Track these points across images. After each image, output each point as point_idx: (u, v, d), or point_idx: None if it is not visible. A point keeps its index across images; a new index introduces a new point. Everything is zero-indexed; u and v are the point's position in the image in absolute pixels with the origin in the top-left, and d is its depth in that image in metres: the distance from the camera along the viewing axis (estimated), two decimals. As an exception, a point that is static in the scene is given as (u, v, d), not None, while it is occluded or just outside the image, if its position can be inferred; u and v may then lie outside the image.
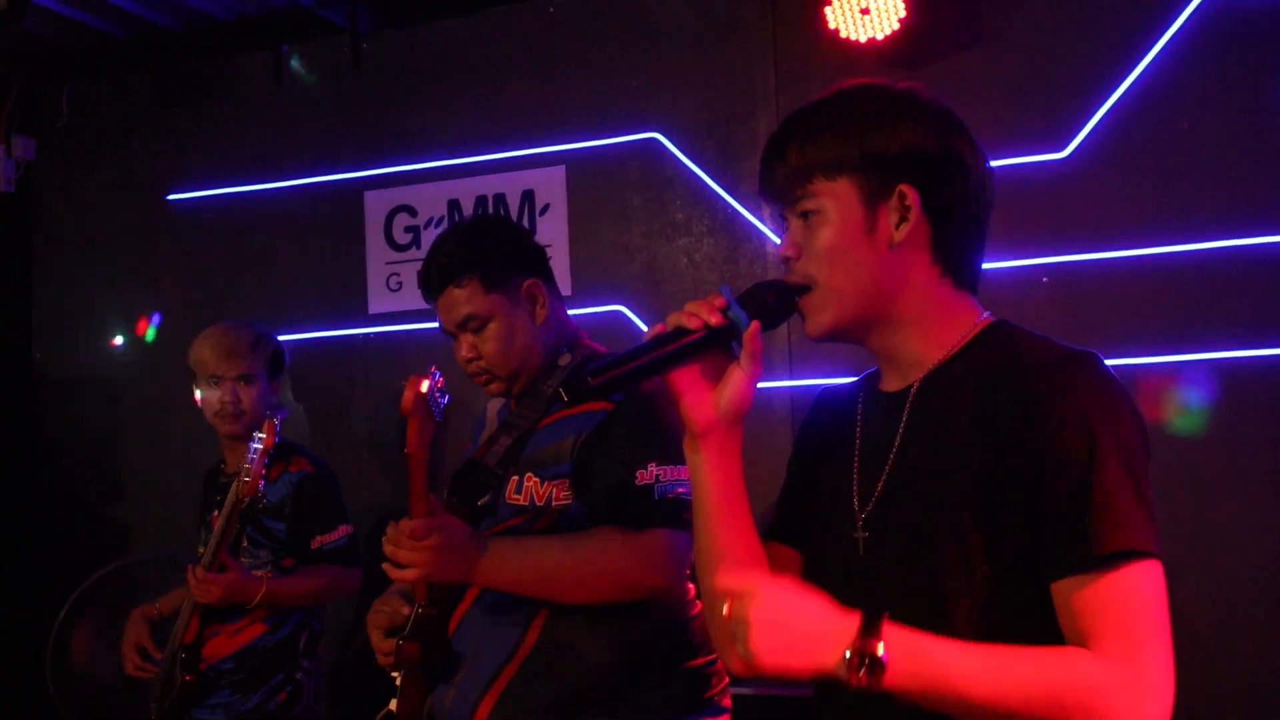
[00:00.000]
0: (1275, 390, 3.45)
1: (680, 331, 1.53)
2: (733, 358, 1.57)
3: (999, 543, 1.44)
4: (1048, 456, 1.42)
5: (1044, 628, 1.43)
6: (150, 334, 4.77)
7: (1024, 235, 3.64)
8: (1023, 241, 3.65)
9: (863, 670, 1.29)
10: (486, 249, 2.57)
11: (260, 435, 3.21)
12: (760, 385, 1.55)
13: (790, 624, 1.31)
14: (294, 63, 4.52)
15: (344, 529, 3.49)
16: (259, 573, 3.37)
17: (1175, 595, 3.43)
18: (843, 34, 3.65)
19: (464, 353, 2.55)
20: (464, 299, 2.53)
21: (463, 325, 2.55)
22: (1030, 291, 3.65)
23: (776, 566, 1.67)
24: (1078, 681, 1.34)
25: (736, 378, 1.56)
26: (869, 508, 1.55)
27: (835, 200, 1.55)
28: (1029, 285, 3.65)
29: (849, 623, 1.31)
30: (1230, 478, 3.49)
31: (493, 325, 2.52)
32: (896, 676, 1.30)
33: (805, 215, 1.58)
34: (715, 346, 1.56)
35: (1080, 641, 1.39)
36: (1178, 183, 3.59)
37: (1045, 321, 3.50)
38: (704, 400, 1.56)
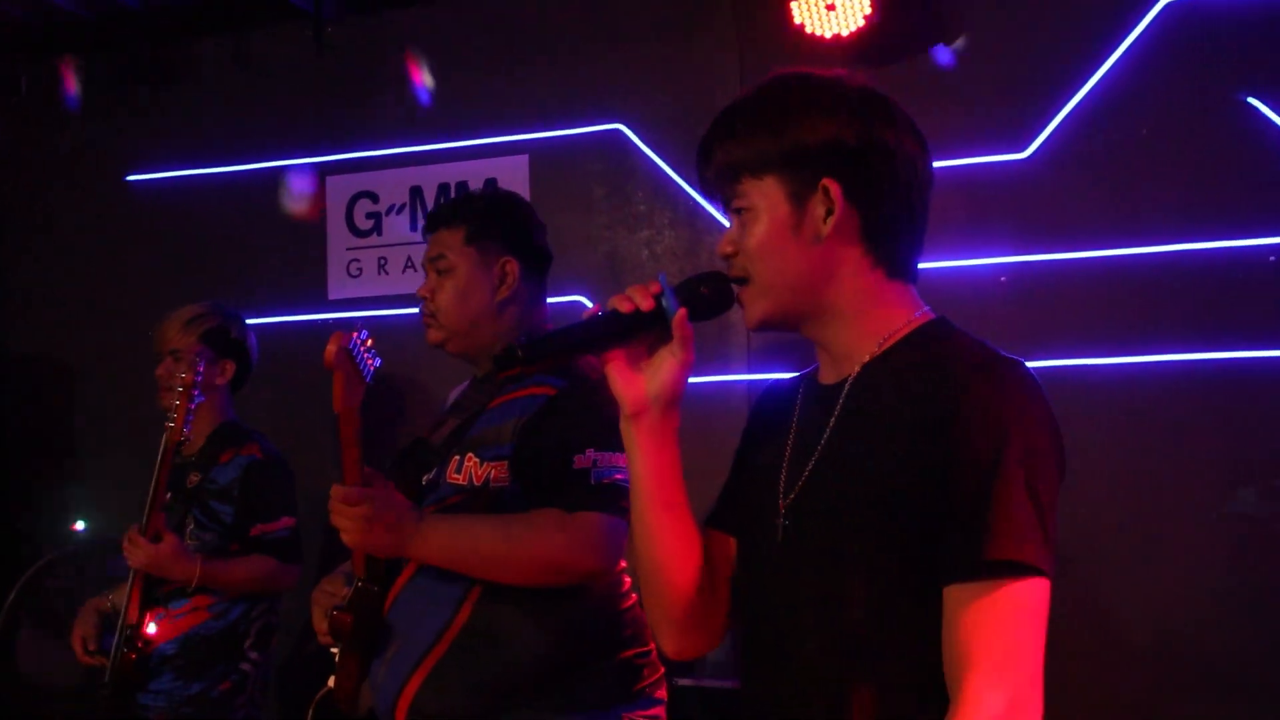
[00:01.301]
0: (1227, 393, 3.49)
1: (612, 313, 1.57)
2: (669, 342, 1.59)
3: (904, 537, 1.45)
4: (956, 457, 1.43)
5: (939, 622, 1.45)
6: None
7: (983, 234, 3.66)
8: (982, 240, 3.67)
9: None
10: (488, 213, 2.70)
11: (181, 375, 3.22)
12: (718, 379, 1.57)
13: None
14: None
15: (286, 521, 3.46)
16: (198, 555, 3.35)
17: (1129, 593, 3.48)
18: (808, 29, 3.66)
19: (422, 290, 2.67)
20: (444, 240, 2.65)
21: (433, 261, 2.65)
22: (988, 290, 3.66)
23: (713, 553, 1.69)
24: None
25: (667, 363, 1.59)
26: (791, 497, 1.56)
27: (763, 198, 1.57)
28: (987, 284, 3.67)
29: None
30: (1179, 480, 3.53)
31: (456, 275, 2.62)
32: None
33: (739, 213, 1.60)
34: (646, 331, 1.59)
35: (954, 650, 1.40)
36: (1136, 186, 3.62)
37: (1002, 321, 3.55)
38: (637, 383, 1.59)
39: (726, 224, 3.98)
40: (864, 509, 1.48)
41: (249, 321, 3.74)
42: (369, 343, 2.40)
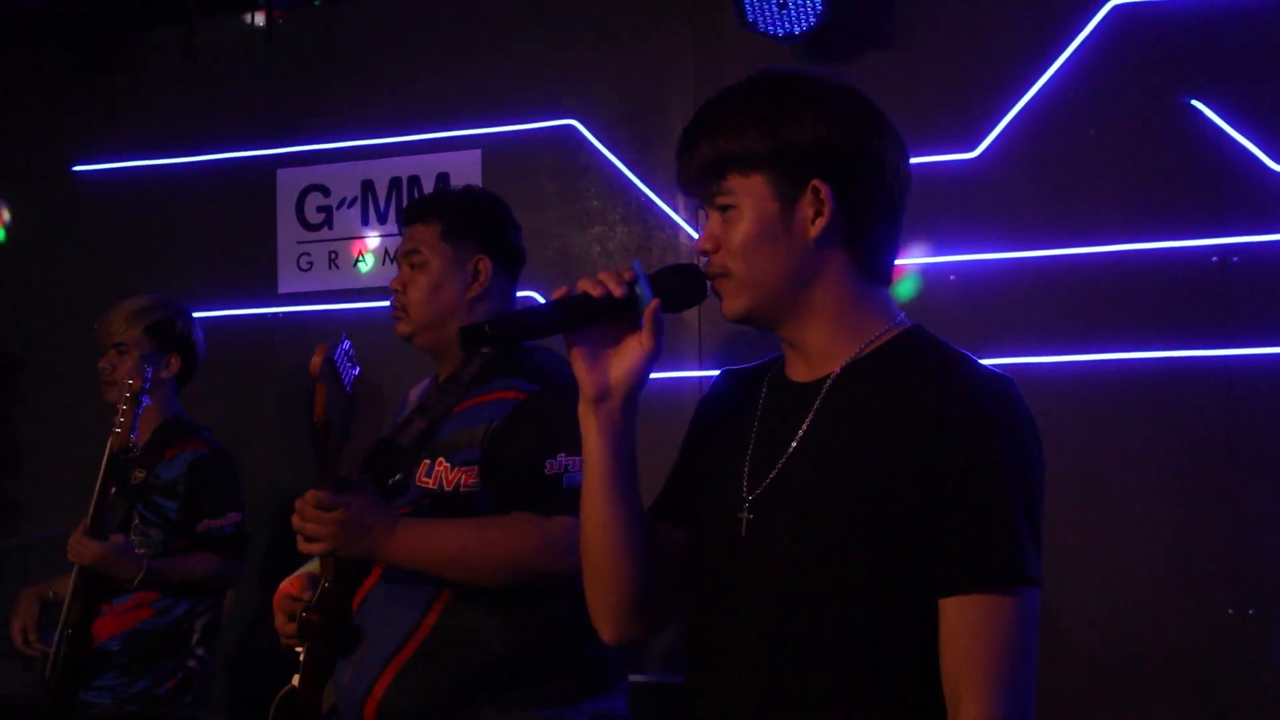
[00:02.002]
0: (1170, 392, 3.55)
1: (583, 296, 1.56)
2: (638, 330, 1.58)
3: (881, 540, 1.46)
4: (949, 466, 1.43)
5: (919, 623, 1.46)
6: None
7: (932, 233, 3.70)
8: (931, 239, 3.70)
9: None
10: (465, 210, 2.71)
11: (128, 381, 3.21)
12: (669, 374, 1.56)
13: None
14: None
15: (232, 517, 3.44)
16: (142, 551, 3.32)
17: (1072, 589, 3.52)
18: (760, 27, 3.67)
19: (394, 282, 2.67)
20: (419, 235, 2.66)
21: (407, 255, 2.66)
22: (937, 288, 3.70)
23: (660, 542, 1.68)
24: None
25: (634, 351, 1.58)
26: (758, 491, 1.55)
27: (750, 196, 1.55)
28: (936, 282, 3.71)
29: None
30: (1128, 477, 3.58)
31: (429, 270, 2.63)
32: None
33: (723, 209, 1.58)
34: (615, 317, 1.58)
35: (958, 661, 1.42)
36: (1083, 186, 3.66)
37: (951, 319, 3.58)
38: (600, 368, 1.58)
39: (678, 220, 4.02)
40: (842, 508, 1.47)
41: (197, 315, 3.71)
42: (351, 352, 2.39)
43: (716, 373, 1.79)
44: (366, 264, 4.36)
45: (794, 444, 1.57)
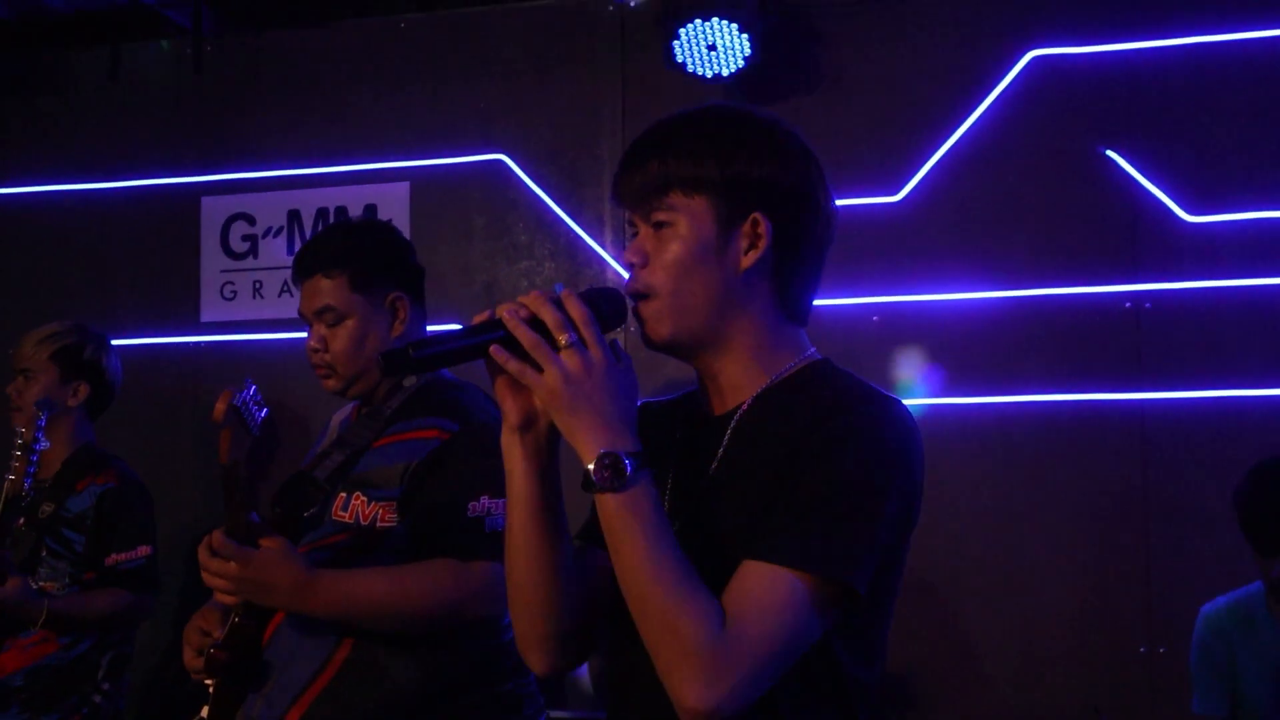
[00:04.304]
0: (1084, 434, 3.62)
1: (502, 324, 1.50)
2: None
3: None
4: (800, 460, 1.46)
5: (834, 637, 1.47)
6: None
7: (856, 274, 3.75)
8: (854, 280, 3.75)
9: None
10: (365, 250, 2.59)
11: (20, 430, 3.16)
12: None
13: None
14: None
15: (143, 550, 3.37)
16: (51, 585, 3.26)
17: (988, 627, 3.56)
18: (689, 68, 3.72)
19: (312, 342, 2.56)
20: (327, 290, 2.54)
21: (319, 314, 2.55)
22: (860, 329, 3.75)
23: (586, 567, 1.67)
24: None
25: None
26: (675, 526, 1.54)
27: (689, 216, 1.56)
28: (859, 322, 3.76)
29: None
30: (1043, 517, 3.64)
31: (347, 324, 2.54)
32: None
33: (658, 225, 1.58)
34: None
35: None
36: (1002, 231, 3.75)
37: (874, 359, 3.64)
38: (524, 395, 1.54)
39: (605, 256, 4.03)
40: (741, 539, 1.48)
41: (118, 343, 3.65)
42: (258, 397, 2.35)
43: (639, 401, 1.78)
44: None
45: (707, 477, 1.58)
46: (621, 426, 1.45)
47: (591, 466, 1.42)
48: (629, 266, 1.60)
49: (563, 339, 1.45)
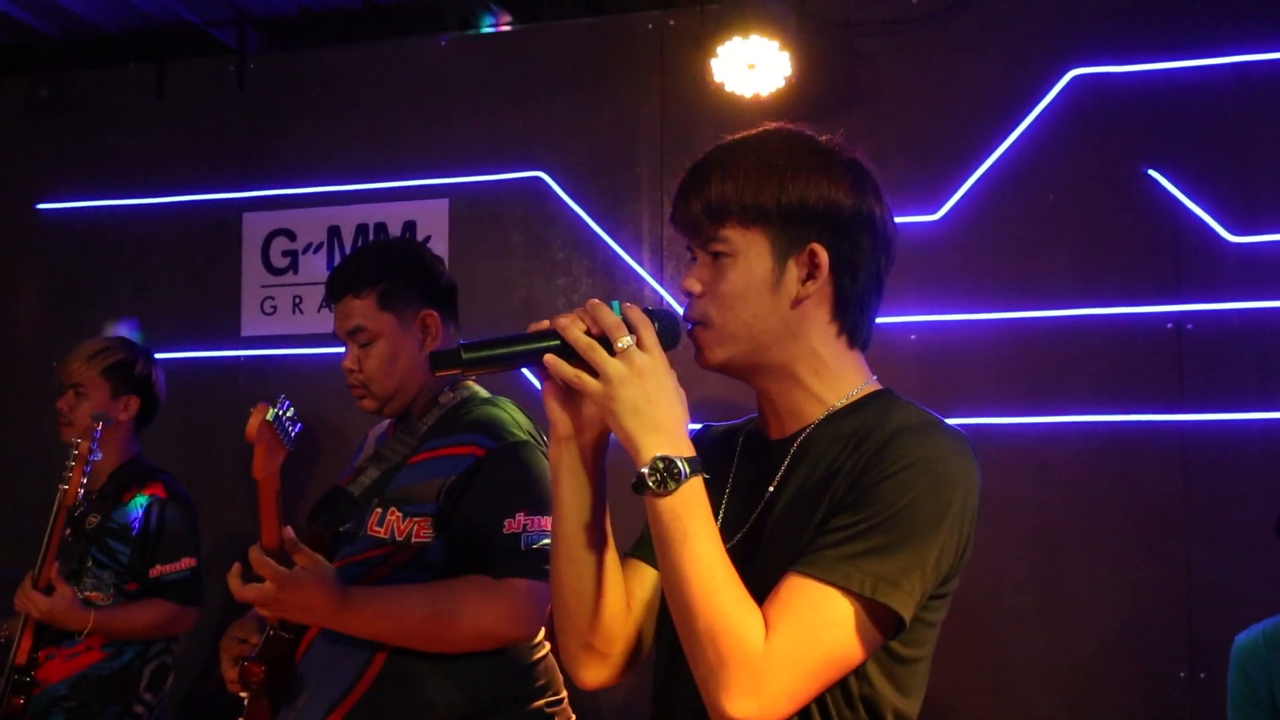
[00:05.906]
0: (1128, 455, 3.59)
1: (556, 333, 1.49)
2: None
3: None
4: (863, 487, 1.45)
5: (879, 663, 1.47)
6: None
7: (894, 293, 3.67)
8: (893, 299, 3.70)
9: None
10: (393, 269, 2.60)
11: (76, 441, 3.19)
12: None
13: None
14: None
15: (187, 562, 3.40)
16: (96, 595, 3.30)
17: (1025, 650, 3.53)
18: (728, 88, 3.72)
19: (347, 362, 2.59)
20: (358, 311, 2.57)
21: (351, 335, 2.57)
22: (898, 347, 3.74)
23: (633, 582, 1.68)
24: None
25: None
26: (729, 544, 1.55)
27: (746, 247, 1.55)
28: (897, 341, 3.75)
29: None
30: (1080, 538, 3.61)
31: (379, 343, 2.55)
32: None
33: (715, 255, 1.57)
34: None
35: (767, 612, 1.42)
36: (1041, 251, 3.72)
37: (910, 378, 3.61)
38: (573, 405, 1.54)
39: (643, 274, 4.03)
40: (793, 561, 1.47)
41: (159, 356, 3.69)
42: (290, 412, 2.36)
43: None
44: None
45: (763, 501, 1.58)
46: (676, 430, 1.44)
47: (645, 470, 1.41)
48: (685, 294, 1.60)
49: (621, 342, 1.45)
